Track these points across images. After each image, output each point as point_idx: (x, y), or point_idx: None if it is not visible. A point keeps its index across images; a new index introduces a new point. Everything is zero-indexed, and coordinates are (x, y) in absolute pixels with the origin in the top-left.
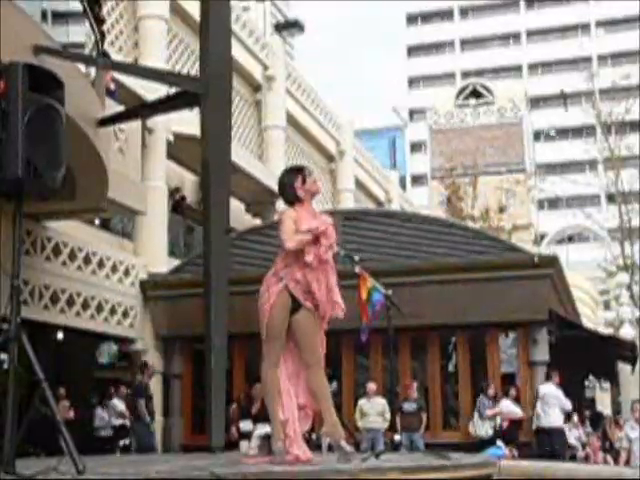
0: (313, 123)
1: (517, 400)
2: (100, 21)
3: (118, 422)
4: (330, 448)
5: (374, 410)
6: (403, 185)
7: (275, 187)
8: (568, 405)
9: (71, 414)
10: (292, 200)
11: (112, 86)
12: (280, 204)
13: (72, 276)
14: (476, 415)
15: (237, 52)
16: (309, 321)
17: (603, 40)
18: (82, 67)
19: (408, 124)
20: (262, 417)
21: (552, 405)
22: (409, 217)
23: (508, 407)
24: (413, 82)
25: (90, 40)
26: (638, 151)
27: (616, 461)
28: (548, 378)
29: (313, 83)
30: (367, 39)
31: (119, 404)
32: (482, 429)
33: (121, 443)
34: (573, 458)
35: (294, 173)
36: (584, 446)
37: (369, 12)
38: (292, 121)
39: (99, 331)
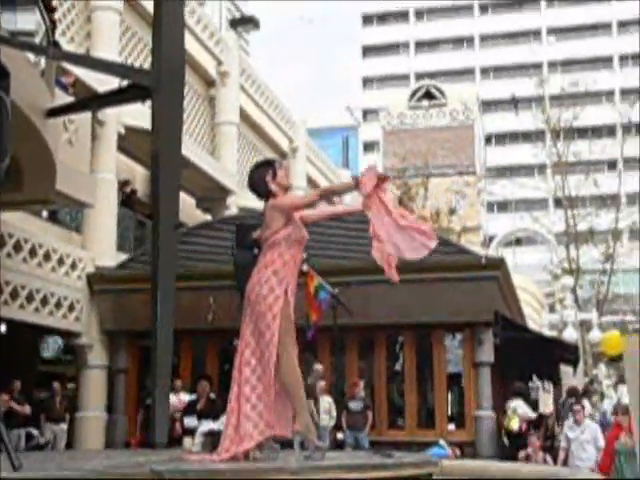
0: (266, 120)
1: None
2: (51, 10)
3: None
4: (302, 445)
5: (321, 408)
6: None
7: (227, 183)
8: None
9: (27, 409)
10: (265, 195)
11: (68, 81)
12: (231, 199)
13: (17, 268)
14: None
15: (191, 46)
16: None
17: (554, 47)
18: (31, 56)
19: (361, 124)
20: (206, 414)
21: None
22: (359, 216)
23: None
24: (367, 82)
25: (41, 29)
26: (584, 157)
27: (555, 461)
28: None
29: (267, 80)
30: (323, 38)
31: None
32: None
33: None
34: (514, 458)
35: (264, 167)
36: (525, 446)
37: (325, 11)
38: (245, 117)
39: (44, 324)
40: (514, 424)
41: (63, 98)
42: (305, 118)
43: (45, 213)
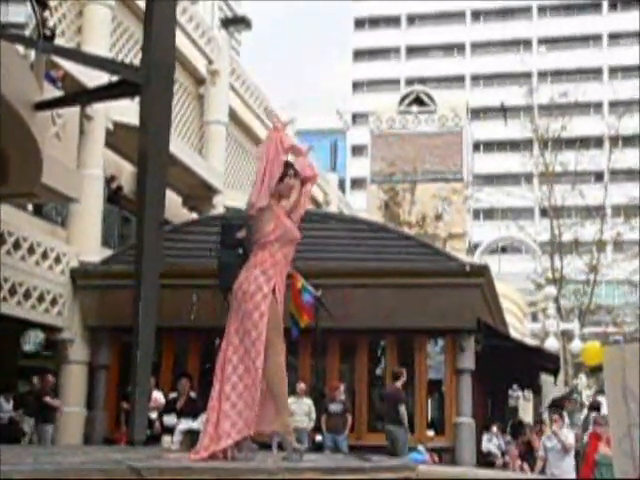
0: (255, 120)
1: None
2: (43, 3)
3: None
4: (280, 446)
5: (301, 410)
6: (342, 188)
7: (214, 182)
8: None
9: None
10: None
11: (57, 75)
12: (218, 199)
13: (0, 261)
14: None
15: (182, 44)
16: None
17: (544, 57)
18: (21, 49)
19: (350, 127)
20: (186, 412)
21: None
22: (344, 220)
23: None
24: (357, 86)
25: (32, 21)
26: (571, 167)
27: (533, 469)
28: None
29: (257, 81)
30: (316, 41)
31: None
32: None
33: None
34: (492, 465)
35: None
36: (503, 454)
37: (318, 14)
38: (234, 117)
39: (26, 318)
40: None
41: (52, 92)
42: (293, 119)
43: (30, 207)
